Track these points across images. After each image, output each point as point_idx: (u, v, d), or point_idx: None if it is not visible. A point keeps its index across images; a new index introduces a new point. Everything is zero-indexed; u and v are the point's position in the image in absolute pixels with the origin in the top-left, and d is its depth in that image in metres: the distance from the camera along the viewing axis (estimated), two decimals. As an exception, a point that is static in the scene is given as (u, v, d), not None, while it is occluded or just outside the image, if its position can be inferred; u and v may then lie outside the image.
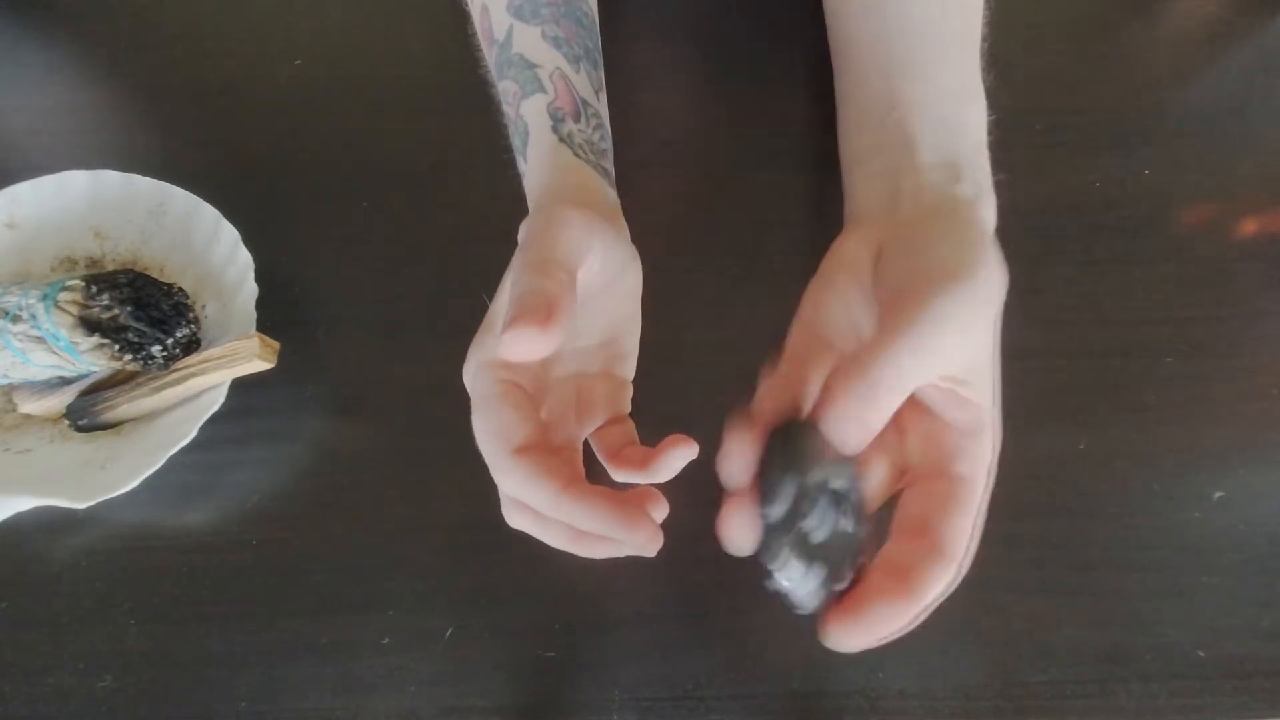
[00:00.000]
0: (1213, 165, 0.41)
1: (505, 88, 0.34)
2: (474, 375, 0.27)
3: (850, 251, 0.30)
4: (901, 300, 0.25)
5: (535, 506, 0.25)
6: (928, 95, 0.32)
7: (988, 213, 0.29)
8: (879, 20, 0.35)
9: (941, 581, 0.24)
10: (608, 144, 0.35)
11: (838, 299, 0.29)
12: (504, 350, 0.23)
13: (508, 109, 0.35)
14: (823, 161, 0.39)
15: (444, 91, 0.44)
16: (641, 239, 0.33)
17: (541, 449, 0.26)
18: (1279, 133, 0.41)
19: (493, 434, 0.26)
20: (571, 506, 0.25)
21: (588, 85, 0.35)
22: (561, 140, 0.32)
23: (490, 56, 0.36)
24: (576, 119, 0.33)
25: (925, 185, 0.30)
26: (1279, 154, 0.41)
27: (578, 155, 0.32)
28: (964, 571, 0.25)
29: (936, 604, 0.25)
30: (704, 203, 0.41)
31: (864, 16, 0.36)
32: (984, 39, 0.34)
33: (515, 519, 0.27)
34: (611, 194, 0.33)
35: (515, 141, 0.35)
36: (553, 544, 0.27)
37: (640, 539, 0.25)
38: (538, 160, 0.33)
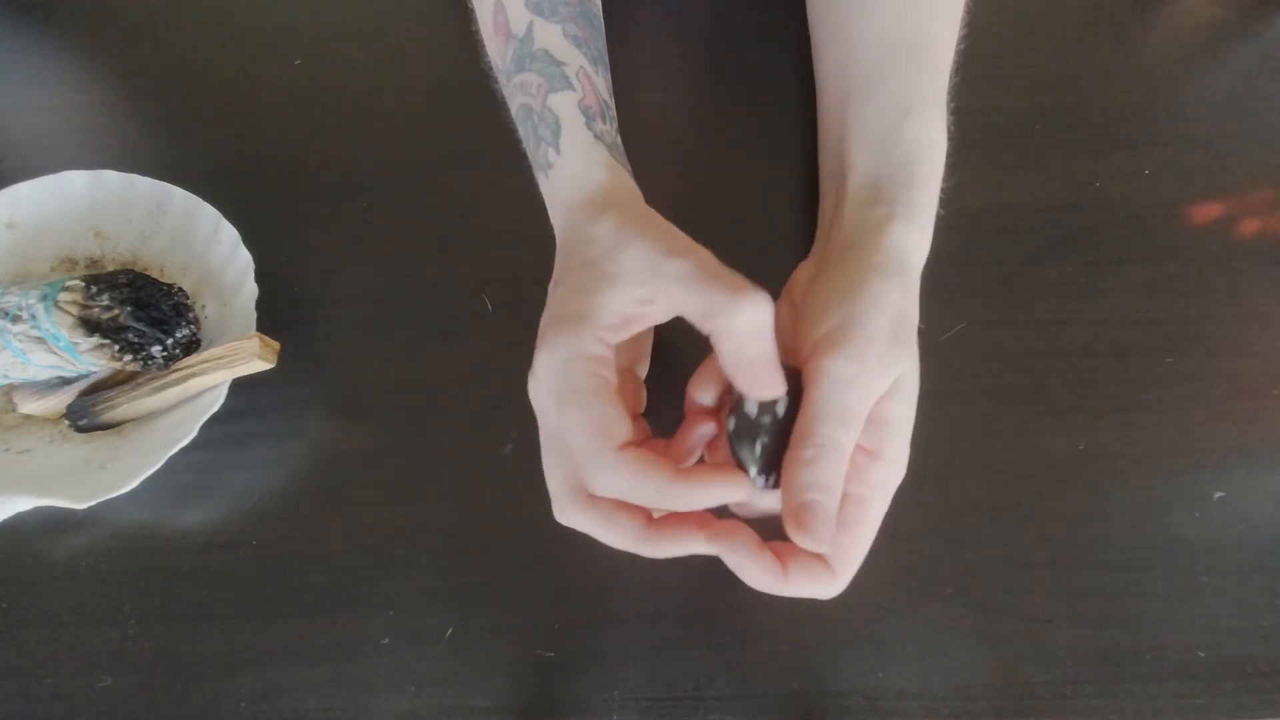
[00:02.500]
0: (1213, 165, 0.41)
1: (526, 80, 0.33)
2: (562, 368, 0.25)
3: (792, 282, 0.32)
4: (808, 368, 0.26)
5: (641, 500, 0.25)
6: (866, 117, 0.33)
7: (899, 228, 0.29)
8: (841, 50, 0.35)
9: (816, 587, 0.26)
10: (621, 146, 0.35)
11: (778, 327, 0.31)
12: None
13: (529, 100, 0.33)
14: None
15: (443, 91, 0.44)
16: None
17: (639, 444, 0.25)
18: (1279, 133, 0.41)
19: (595, 431, 0.24)
20: (686, 488, 0.24)
21: (605, 87, 0.35)
22: (597, 138, 0.32)
23: (505, 50, 0.35)
24: (602, 119, 0.33)
25: (847, 215, 0.31)
26: (1279, 154, 0.41)
27: (612, 155, 0.32)
28: (846, 583, 0.26)
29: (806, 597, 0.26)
30: (704, 202, 0.41)
31: (830, 47, 0.37)
32: (960, 41, 0.34)
33: (573, 516, 0.26)
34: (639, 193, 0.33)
35: (541, 132, 0.33)
36: (614, 544, 0.26)
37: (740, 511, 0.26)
38: (575, 154, 0.32)
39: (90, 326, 0.33)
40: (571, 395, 0.25)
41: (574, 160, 0.32)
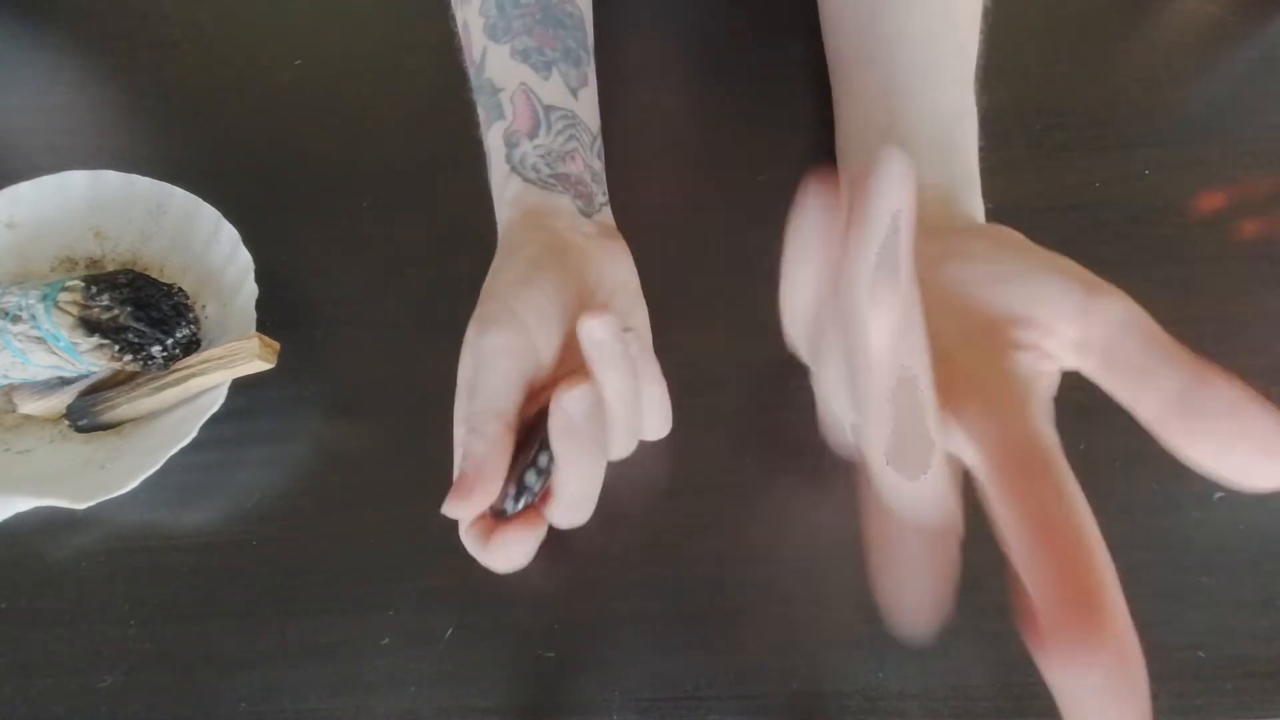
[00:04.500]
0: (1213, 165, 0.41)
1: (479, 115, 0.35)
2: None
3: None
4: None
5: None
6: (924, 116, 0.32)
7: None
8: (874, 41, 0.35)
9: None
10: (577, 143, 0.35)
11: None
12: (449, 512, 0.26)
13: (482, 136, 0.36)
14: (823, 161, 0.39)
15: (443, 92, 0.43)
16: (640, 239, 0.33)
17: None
18: (1279, 133, 0.41)
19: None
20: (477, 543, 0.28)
21: (560, 87, 0.34)
22: (513, 170, 0.33)
23: (471, 79, 0.37)
24: (533, 135, 0.33)
25: (927, 201, 0.30)
26: (1279, 154, 0.41)
27: (527, 180, 0.33)
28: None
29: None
30: (703, 203, 0.41)
31: (859, 36, 0.36)
32: (980, 51, 0.34)
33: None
34: (565, 201, 0.33)
35: (490, 172, 0.36)
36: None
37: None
38: (495, 192, 0.34)
39: (90, 326, 0.33)
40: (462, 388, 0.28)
41: (497, 200, 0.34)
